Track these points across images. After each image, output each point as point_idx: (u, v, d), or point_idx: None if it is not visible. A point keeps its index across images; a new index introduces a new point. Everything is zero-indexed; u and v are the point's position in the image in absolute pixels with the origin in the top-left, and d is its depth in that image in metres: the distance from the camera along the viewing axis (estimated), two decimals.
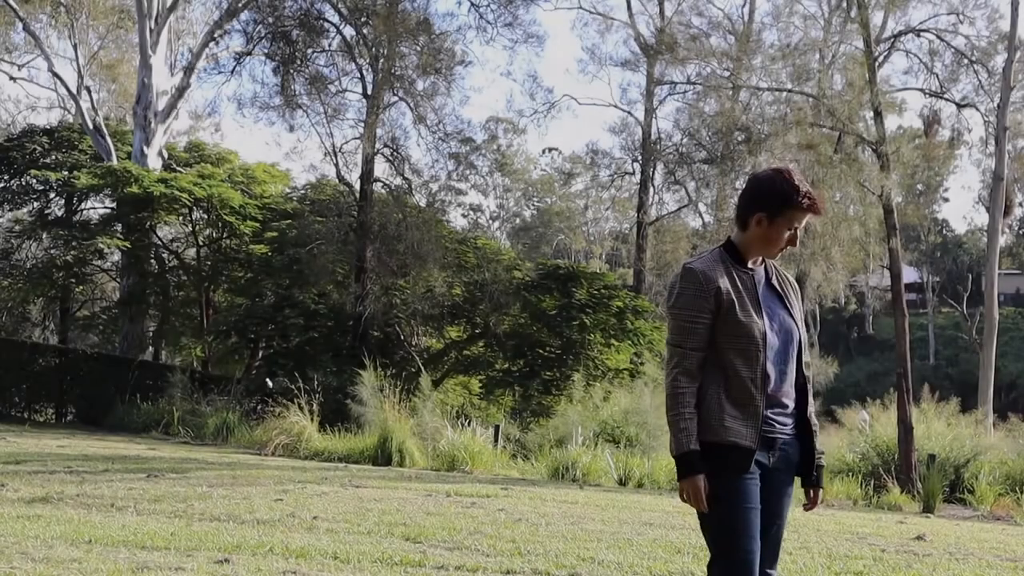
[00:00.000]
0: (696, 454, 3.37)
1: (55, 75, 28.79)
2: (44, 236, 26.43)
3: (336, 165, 23.59)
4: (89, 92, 28.42)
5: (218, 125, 54.46)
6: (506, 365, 24.56)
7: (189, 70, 26.35)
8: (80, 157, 26.64)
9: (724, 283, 3.40)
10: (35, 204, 27.18)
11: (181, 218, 25.88)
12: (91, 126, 26.38)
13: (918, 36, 19.95)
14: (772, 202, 3.41)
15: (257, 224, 24.99)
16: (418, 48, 22.96)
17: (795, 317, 3.51)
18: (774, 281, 3.54)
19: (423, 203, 24.14)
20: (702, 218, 35.08)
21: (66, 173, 25.59)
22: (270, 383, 19.73)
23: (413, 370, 20.58)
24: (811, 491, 3.59)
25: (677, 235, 31.84)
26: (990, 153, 26.44)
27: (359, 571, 5.93)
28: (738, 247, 3.49)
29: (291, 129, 27.11)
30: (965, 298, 51.83)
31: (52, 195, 26.96)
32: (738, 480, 3.38)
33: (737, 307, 3.39)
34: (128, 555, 6.12)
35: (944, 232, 67.08)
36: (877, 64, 16.72)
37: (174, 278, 26.49)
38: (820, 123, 16.70)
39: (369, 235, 22.13)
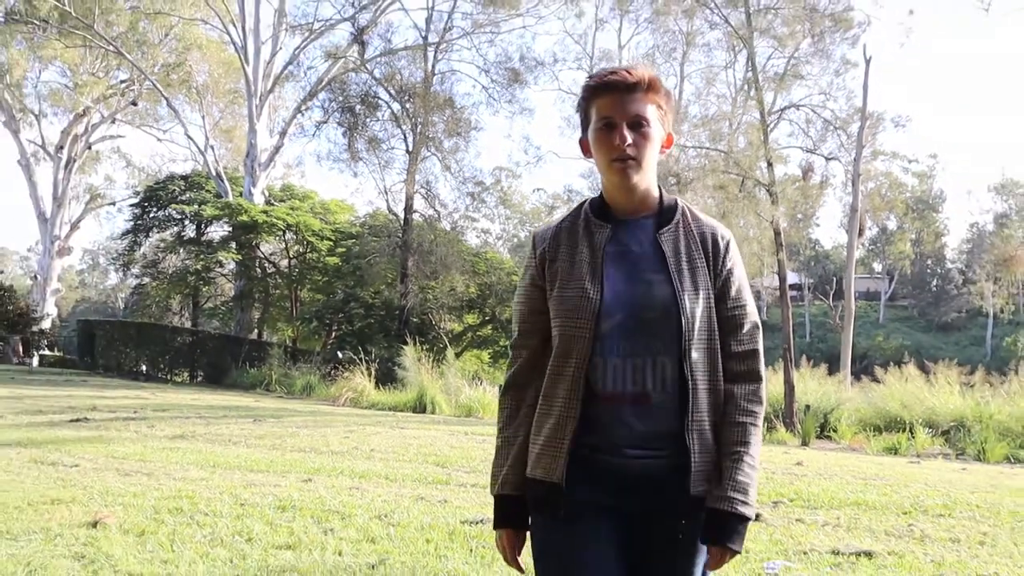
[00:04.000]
0: (500, 501, 1.77)
1: (189, 137, 28.76)
2: (181, 251, 26.40)
3: (387, 200, 23.76)
4: (213, 149, 28.35)
5: (303, 172, 54.24)
6: (508, 342, 24.51)
7: (283, 134, 26.33)
8: (206, 195, 26.59)
9: (561, 245, 1.74)
10: (175, 228, 27.11)
11: (277, 238, 25.87)
12: (214, 173, 26.38)
13: (798, 109, 19.84)
14: (579, 112, 1.76)
15: (331, 242, 25.01)
16: (445, 118, 23.00)
17: (681, 284, 1.64)
18: (665, 238, 1.70)
19: (448, 228, 24.14)
20: None
21: (196, 206, 25.57)
22: (340, 355, 19.72)
23: (441, 346, 20.54)
24: (712, 549, 1.63)
25: None
26: (849, 192, 26.43)
27: (403, 487, 5.92)
28: (603, 196, 1.78)
29: (355, 175, 27.39)
30: (831, 294, 51.74)
31: (186, 222, 26.89)
32: (546, 534, 1.67)
33: (564, 273, 1.70)
34: (241, 476, 6.14)
35: (816, 248, 66.88)
36: (769, 129, 16.70)
37: (272, 281, 26.46)
38: (729, 171, 16.67)
39: (410, 250, 22.18)
